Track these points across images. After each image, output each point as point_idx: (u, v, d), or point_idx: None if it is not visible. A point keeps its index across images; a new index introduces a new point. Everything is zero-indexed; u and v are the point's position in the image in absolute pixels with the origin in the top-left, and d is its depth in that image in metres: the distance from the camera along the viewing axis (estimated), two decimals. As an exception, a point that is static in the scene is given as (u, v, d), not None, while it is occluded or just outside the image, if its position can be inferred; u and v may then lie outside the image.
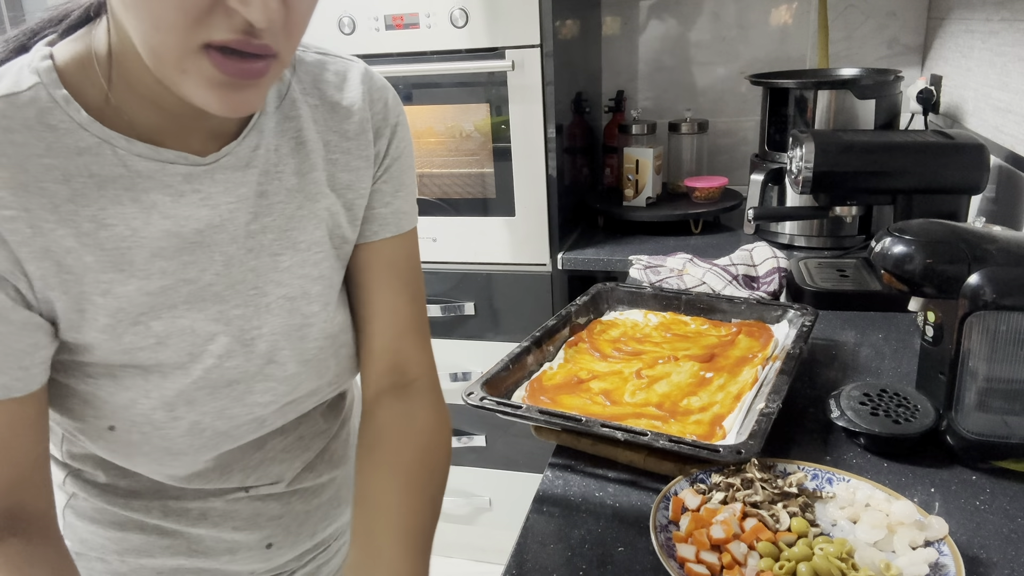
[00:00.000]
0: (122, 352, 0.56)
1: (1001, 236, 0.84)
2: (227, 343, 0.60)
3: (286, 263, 0.63)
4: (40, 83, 0.53)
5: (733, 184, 1.91)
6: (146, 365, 0.57)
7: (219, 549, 0.69)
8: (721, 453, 0.77)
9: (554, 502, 0.82)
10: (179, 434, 0.59)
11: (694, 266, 1.37)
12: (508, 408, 0.89)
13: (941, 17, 1.81)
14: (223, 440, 0.63)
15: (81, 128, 0.53)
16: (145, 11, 0.46)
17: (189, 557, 0.68)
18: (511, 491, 1.96)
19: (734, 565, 0.66)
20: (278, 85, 0.64)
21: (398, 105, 0.71)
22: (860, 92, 1.56)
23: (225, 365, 0.60)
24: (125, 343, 0.56)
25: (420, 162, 1.79)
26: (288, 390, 0.65)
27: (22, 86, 0.52)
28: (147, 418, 0.58)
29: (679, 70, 2.09)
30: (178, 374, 0.58)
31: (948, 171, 1.26)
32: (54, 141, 0.52)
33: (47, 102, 0.52)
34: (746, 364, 1.00)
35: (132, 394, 0.57)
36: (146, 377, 0.58)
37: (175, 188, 0.56)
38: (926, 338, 0.88)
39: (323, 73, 0.67)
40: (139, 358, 0.57)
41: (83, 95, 0.53)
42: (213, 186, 0.58)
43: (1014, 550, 0.70)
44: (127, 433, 0.58)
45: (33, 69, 0.53)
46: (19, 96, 0.51)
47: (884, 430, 0.84)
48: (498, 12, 1.57)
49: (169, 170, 0.56)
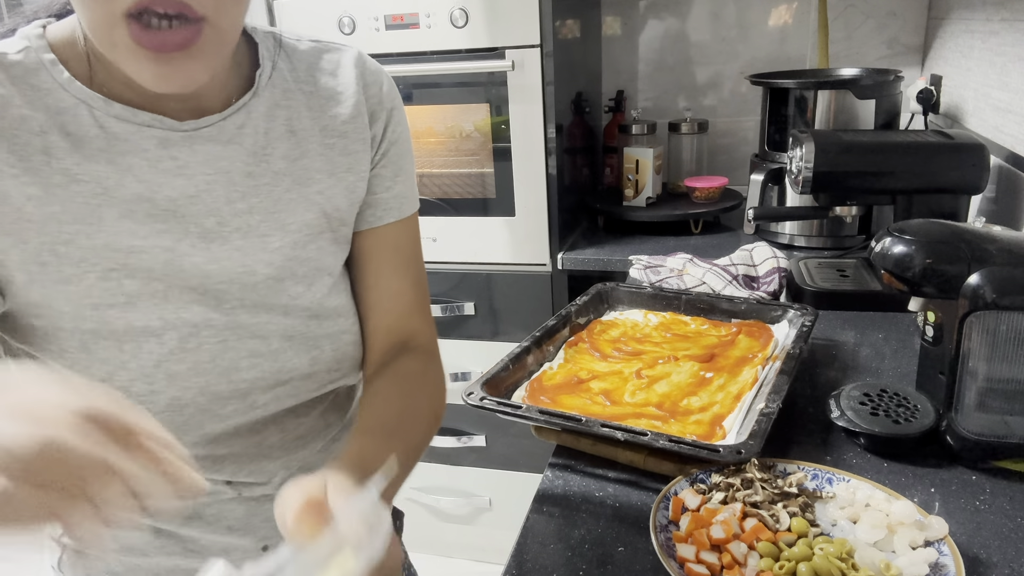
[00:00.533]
0: (91, 308, 0.56)
1: (1001, 236, 0.84)
2: (203, 312, 0.60)
3: (275, 244, 0.63)
4: (30, 47, 0.56)
5: (733, 184, 1.91)
6: (118, 329, 0.57)
7: (214, 550, 0.68)
8: (721, 453, 0.77)
9: (554, 502, 0.82)
10: (159, 409, 0.59)
11: (694, 266, 1.37)
12: (508, 408, 0.89)
13: (941, 17, 1.81)
14: (207, 419, 0.62)
15: (62, 88, 0.55)
16: None
17: (185, 557, 0.68)
18: (511, 491, 1.96)
19: (734, 565, 0.66)
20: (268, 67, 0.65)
21: (393, 90, 0.72)
22: (860, 92, 1.56)
23: (202, 335, 0.60)
24: (94, 296, 0.56)
25: (420, 162, 1.79)
26: (275, 368, 0.64)
27: (13, 48, 0.56)
28: (126, 391, 0.58)
29: (679, 70, 2.09)
30: (152, 342, 0.58)
31: (948, 171, 1.26)
32: (35, 98, 0.55)
33: (34, 64, 0.55)
34: (746, 364, 1.00)
35: (109, 367, 0.57)
36: (120, 347, 0.57)
37: (151, 152, 0.57)
38: (926, 338, 0.88)
39: (318, 61, 0.68)
40: (109, 317, 0.57)
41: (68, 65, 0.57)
42: (192, 156, 0.59)
43: (1014, 550, 0.70)
44: None
45: (24, 35, 0.57)
46: (7, 56, 0.55)
47: (884, 430, 0.84)
48: (498, 12, 1.57)
49: (145, 133, 0.57)
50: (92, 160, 0.56)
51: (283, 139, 0.64)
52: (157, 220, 0.58)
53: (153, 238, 0.58)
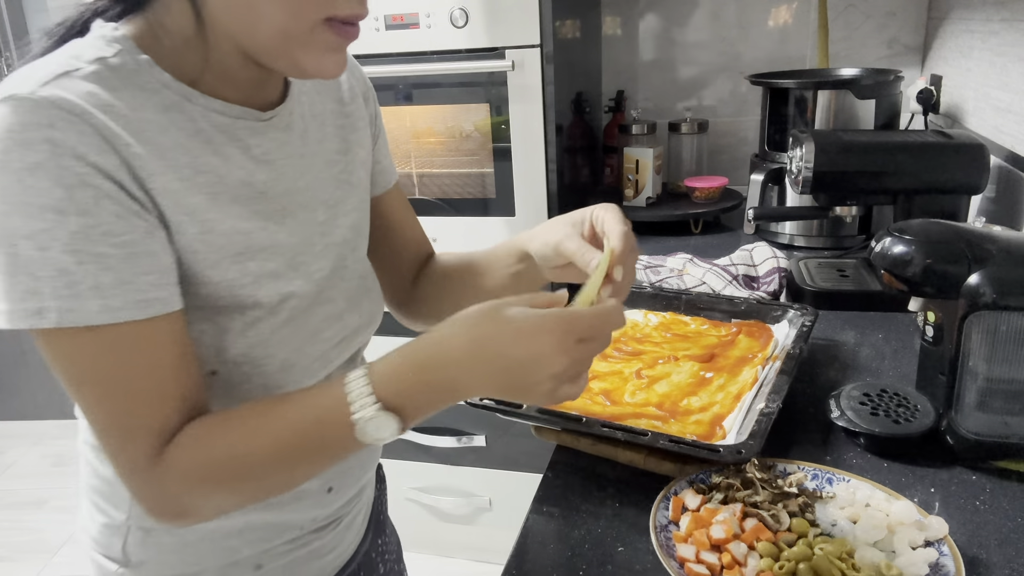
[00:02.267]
0: (227, 288, 0.61)
1: (1001, 236, 0.84)
2: (300, 284, 0.66)
3: (321, 218, 0.70)
4: (123, 49, 0.57)
5: (733, 184, 1.91)
6: (245, 304, 0.62)
7: (286, 498, 0.70)
8: (721, 453, 0.77)
9: (554, 502, 0.82)
10: (273, 371, 0.64)
11: (694, 266, 1.37)
12: (508, 408, 0.89)
13: (941, 17, 1.81)
14: (304, 376, 0.67)
15: (164, 87, 0.58)
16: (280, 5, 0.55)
17: (260, 512, 0.69)
18: (511, 491, 1.96)
19: (734, 565, 0.66)
20: None
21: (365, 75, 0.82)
22: (860, 92, 1.56)
23: (299, 304, 0.66)
24: (229, 278, 0.61)
25: (420, 162, 1.79)
26: (342, 327, 0.71)
27: (108, 52, 0.57)
28: (246, 356, 0.62)
29: (679, 70, 2.09)
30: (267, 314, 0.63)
31: (948, 171, 1.26)
32: (145, 100, 0.57)
33: (133, 65, 0.57)
34: (746, 364, 1.00)
35: (231, 336, 0.62)
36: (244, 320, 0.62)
37: (243, 142, 0.63)
38: (926, 338, 0.88)
39: None
40: (240, 296, 0.61)
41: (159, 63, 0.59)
42: (270, 143, 0.65)
43: (1014, 550, 0.70)
44: (228, 376, 0.62)
45: (111, 39, 0.57)
46: (109, 60, 0.56)
47: (884, 430, 0.84)
48: (498, 12, 1.57)
49: (238, 124, 0.62)
50: (205, 153, 0.60)
51: (313, 123, 0.71)
52: (257, 202, 0.63)
53: (257, 220, 0.63)
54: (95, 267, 0.52)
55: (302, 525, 0.73)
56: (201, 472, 0.56)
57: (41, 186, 0.50)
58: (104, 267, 0.52)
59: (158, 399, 0.56)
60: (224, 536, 0.69)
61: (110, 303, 0.53)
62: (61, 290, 0.51)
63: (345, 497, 0.77)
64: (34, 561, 2.28)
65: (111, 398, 0.55)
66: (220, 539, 0.69)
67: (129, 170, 0.54)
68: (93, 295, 0.52)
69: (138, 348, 0.55)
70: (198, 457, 0.56)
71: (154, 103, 0.57)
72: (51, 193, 0.50)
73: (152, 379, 0.56)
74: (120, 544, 0.69)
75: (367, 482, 0.83)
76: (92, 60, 0.55)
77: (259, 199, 0.63)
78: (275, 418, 0.58)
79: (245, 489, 0.59)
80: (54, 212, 0.51)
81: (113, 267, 0.53)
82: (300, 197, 0.67)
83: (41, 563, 2.26)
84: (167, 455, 0.56)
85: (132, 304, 0.54)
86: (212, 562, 0.69)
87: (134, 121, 0.55)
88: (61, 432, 2.99)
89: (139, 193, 0.55)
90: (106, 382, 0.54)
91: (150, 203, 0.56)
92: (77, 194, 0.51)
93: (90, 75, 0.54)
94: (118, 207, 0.53)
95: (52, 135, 0.50)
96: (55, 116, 0.51)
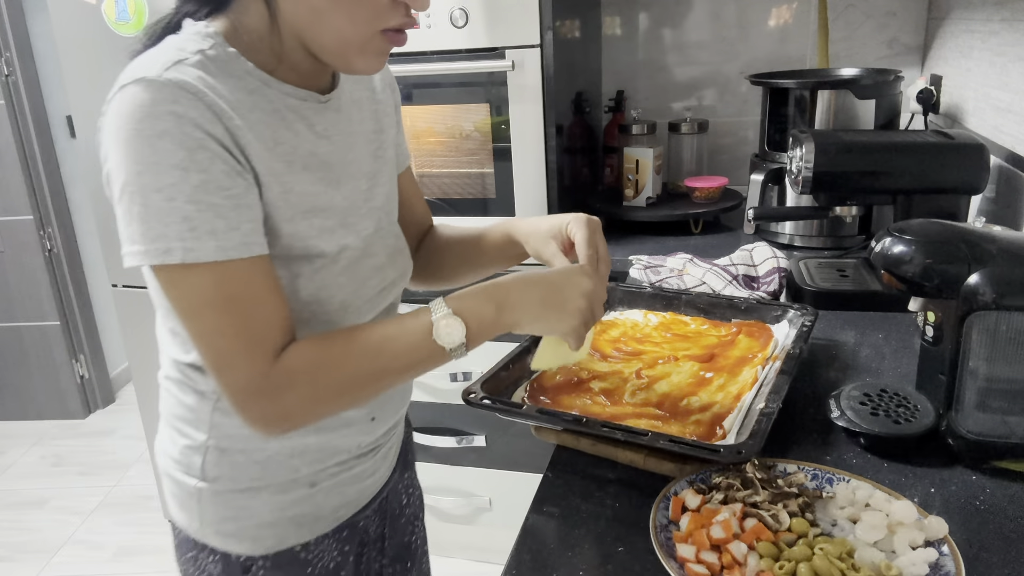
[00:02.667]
0: (299, 239, 0.73)
1: (1001, 236, 0.84)
2: (352, 238, 0.79)
3: (364, 187, 0.82)
4: (216, 44, 0.69)
5: (733, 184, 1.91)
6: (312, 254, 0.74)
7: (337, 424, 0.82)
8: (721, 453, 0.77)
9: (554, 502, 0.82)
10: (334, 309, 0.77)
11: (694, 266, 1.37)
12: (508, 408, 0.89)
13: (941, 17, 1.81)
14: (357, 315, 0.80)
15: (248, 74, 0.70)
16: (343, 16, 0.67)
17: (315, 433, 0.81)
18: (511, 491, 1.96)
19: (734, 565, 0.66)
20: None
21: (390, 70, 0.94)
22: (860, 92, 1.56)
23: (355, 256, 0.79)
24: (300, 232, 0.73)
25: (420, 162, 1.79)
26: (383, 277, 0.84)
27: (205, 46, 0.69)
28: (314, 296, 0.75)
29: (680, 70, 2.10)
30: (330, 262, 0.76)
31: (948, 171, 1.26)
32: (235, 84, 0.69)
33: (225, 57, 0.69)
34: (746, 364, 1.00)
35: (302, 280, 0.74)
36: (311, 264, 0.75)
37: (309, 119, 0.75)
38: (926, 338, 0.88)
39: None
40: (308, 246, 0.74)
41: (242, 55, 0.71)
42: (327, 121, 0.78)
43: (1014, 550, 0.70)
44: (299, 314, 0.74)
45: (206, 35, 0.70)
46: (207, 52, 0.68)
47: (884, 430, 0.84)
48: (498, 12, 1.57)
49: (305, 105, 0.75)
50: (281, 128, 0.72)
51: (354, 106, 0.83)
52: (320, 170, 0.76)
53: (321, 184, 0.76)
54: (211, 215, 0.64)
55: (349, 449, 0.85)
56: (305, 378, 0.68)
57: (168, 149, 0.62)
58: (218, 215, 0.65)
59: (266, 321, 0.68)
60: (287, 456, 0.80)
61: (223, 244, 0.65)
62: (184, 233, 0.63)
63: (385, 427, 0.89)
64: (34, 561, 2.28)
65: (228, 322, 0.66)
66: (283, 459, 0.80)
67: (232, 138, 0.66)
68: (210, 237, 0.64)
69: (246, 280, 0.67)
70: (308, 370, 0.68)
71: (242, 87, 0.69)
72: (176, 154, 0.62)
73: (259, 305, 0.68)
74: (200, 462, 0.80)
75: (400, 418, 0.94)
76: (194, 52, 0.67)
77: (322, 167, 0.76)
78: (371, 336, 0.72)
79: (337, 395, 0.71)
80: (179, 170, 0.63)
81: (224, 215, 0.65)
82: (350, 168, 0.80)
83: (41, 563, 2.26)
84: (278, 369, 0.68)
85: (239, 245, 0.66)
86: (276, 478, 0.81)
87: (231, 100, 0.67)
88: (61, 432, 3.00)
89: (240, 156, 0.67)
90: (222, 309, 0.66)
91: (248, 165, 0.68)
92: (197, 155, 0.63)
93: (196, 63, 0.66)
94: (226, 167, 0.65)
95: (176, 109, 0.63)
96: (178, 94, 0.63)
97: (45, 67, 2.84)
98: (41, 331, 2.96)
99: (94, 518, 2.46)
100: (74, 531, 2.40)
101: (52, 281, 2.90)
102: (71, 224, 2.98)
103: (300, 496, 0.82)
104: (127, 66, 0.66)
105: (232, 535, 0.81)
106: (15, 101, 2.73)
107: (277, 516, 0.81)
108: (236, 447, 0.79)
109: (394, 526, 0.99)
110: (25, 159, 2.78)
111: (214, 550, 0.81)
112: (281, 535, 0.82)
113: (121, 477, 2.67)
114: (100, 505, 2.53)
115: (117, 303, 2.09)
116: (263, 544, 0.81)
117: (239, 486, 0.80)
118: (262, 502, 0.81)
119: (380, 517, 0.95)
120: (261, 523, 0.81)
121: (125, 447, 2.85)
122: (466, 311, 0.72)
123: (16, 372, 3.02)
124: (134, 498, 2.55)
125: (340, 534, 0.86)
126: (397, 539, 1.01)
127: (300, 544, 0.83)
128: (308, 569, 0.84)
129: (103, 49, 1.84)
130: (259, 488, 0.80)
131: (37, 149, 2.80)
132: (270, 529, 0.81)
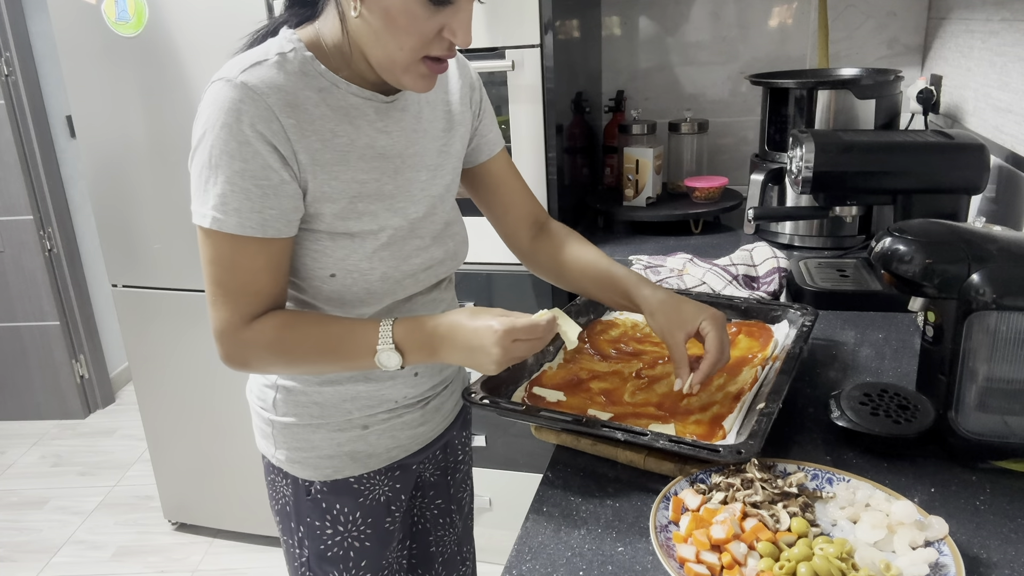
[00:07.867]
0: (341, 220, 0.86)
1: (1001, 236, 0.84)
2: (396, 220, 0.90)
3: (424, 177, 0.93)
4: (296, 48, 0.84)
5: (733, 184, 1.91)
6: (353, 232, 0.87)
7: (383, 376, 0.95)
8: (721, 453, 0.77)
9: (554, 502, 0.82)
10: (375, 279, 0.89)
11: (694, 266, 1.37)
12: (508, 408, 0.89)
13: (941, 17, 1.81)
14: (398, 288, 0.92)
15: (320, 76, 0.84)
16: (394, 41, 0.79)
17: (365, 382, 0.95)
18: (511, 491, 1.96)
19: (734, 565, 0.66)
20: None
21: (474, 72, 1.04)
22: (860, 92, 1.56)
23: (398, 235, 0.90)
24: (344, 213, 0.86)
25: (420, 162, 1.79)
26: (428, 257, 0.94)
27: (287, 48, 0.84)
28: (356, 266, 0.88)
29: (679, 70, 2.09)
30: (371, 239, 0.88)
31: (948, 171, 1.26)
32: (307, 83, 0.83)
33: (301, 59, 0.84)
34: (746, 364, 1.00)
35: (345, 251, 0.87)
36: (352, 240, 0.87)
37: (370, 117, 0.88)
38: (926, 338, 0.88)
39: None
40: (350, 226, 0.86)
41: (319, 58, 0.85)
42: (390, 119, 0.89)
43: (1014, 550, 0.70)
44: (344, 279, 0.87)
45: (290, 40, 0.85)
46: (287, 55, 0.83)
47: (884, 430, 0.84)
48: (498, 12, 1.57)
49: (368, 104, 0.87)
50: (342, 122, 0.85)
51: (427, 107, 0.94)
52: (376, 160, 0.88)
53: (374, 173, 0.87)
54: (242, 197, 0.79)
55: (396, 399, 0.97)
56: (264, 344, 0.84)
57: (224, 138, 0.78)
58: (246, 198, 0.79)
59: (255, 291, 0.83)
60: (340, 400, 0.95)
61: (244, 222, 0.80)
62: (218, 207, 0.79)
63: (430, 383, 1.00)
64: (34, 561, 2.28)
65: (227, 278, 0.82)
66: (338, 402, 0.95)
67: (284, 135, 0.80)
68: (235, 214, 0.79)
69: (252, 254, 0.82)
70: (268, 333, 0.83)
71: (312, 85, 0.84)
72: (229, 144, 0.78)
73: (255, 275, 0.83)
74: (271, 399, 0.96)
75: (449, 378, 1.04)
76: (276, 54, 0.83)
77: (378, 158, 0.88)
78: (324, 327, 0.85)
79: (286, 365, 0.87)
80: (228, 156, 0.78)
81: (252, 199, 0.80)
82: (410, 160, 0.91)
83: (41, 563, 2.26)
84: (249, 326, 0.83)
85: (257, 225, 0.80)
86: (332, 418, 0.95)
87: (299, 96, 0.82)
88: (61, 432, 3.00)
89: (287, 151, 0.80)
90: (227, 268, 0.82)
91: (293, 159, 0.81)
92: (243, 148, 0.78)
93: (273, 64, 0.82)
94: (265, 161, 0.79)
95: (240, 107, 0.78)
96: (245, 95, 0.78)
97: (45, 67, 2.84)
98: (41, 331, 2.96)
99: (94, 518, 2.46)
100: (74, 531, 2.40)
101: (52, 281, 2.90)
102: (71, 224, 2.98)
103: (354, 435, 0.96)
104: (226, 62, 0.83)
105: (298, 463, 0.96)
106: (15, 101, 2.73)
107: (335, 450, 0.96)
108: (298, 388, 0.95)
109: (451, 478, 1.13)
110: (25, 159, 2.78)
111: (287, 474, 0.98)
112: (338, 466, 0.96)
113: (121, 477, 2.67)
114: (100, 505, 2.53)
115: (117, 303, 2.09)
116: (323, 472, 0.96)
117: (303, 422, 0.95)
118: (321, 437, 0.95)
119: (435, 466, 1.10)
120: (321, 455, 0.96)
121: (125, 447, 2.85)
122: (406, 347, 0.83)
123: (16, 372, 3.02)
124: (134, 498, 2.55)
125: (392, 473, 1.00)
126: (451, 491, 1.14)
127: (354, 476, 0.97)
128: (360, 499, 0.98)
129: (103, 49, 1.84)
130: (319, 425, 0.95)
131: (37, 149, 2.80)
132: (329, 461, 0.96)
